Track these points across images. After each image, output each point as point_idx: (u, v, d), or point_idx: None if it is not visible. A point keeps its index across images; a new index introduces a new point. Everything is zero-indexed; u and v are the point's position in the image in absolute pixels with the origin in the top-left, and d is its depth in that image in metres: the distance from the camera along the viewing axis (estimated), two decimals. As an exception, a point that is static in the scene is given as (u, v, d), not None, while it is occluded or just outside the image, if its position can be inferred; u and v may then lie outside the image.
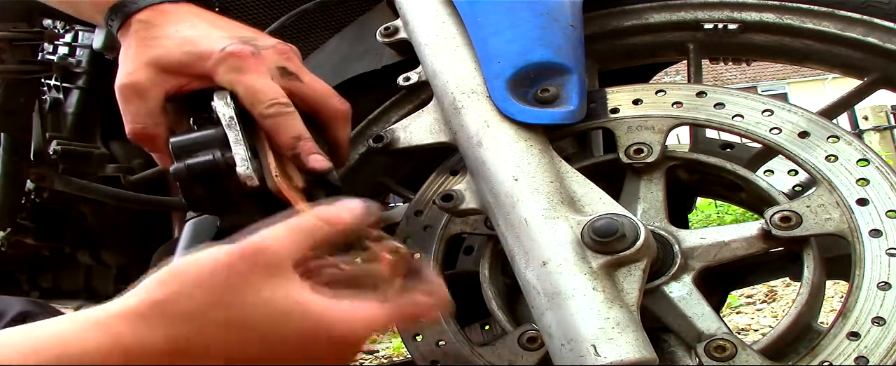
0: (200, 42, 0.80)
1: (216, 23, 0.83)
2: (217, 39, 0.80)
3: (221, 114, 0.77)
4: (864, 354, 0.68)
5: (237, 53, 0.79)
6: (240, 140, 0.75)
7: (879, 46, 0.84)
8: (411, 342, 0.86)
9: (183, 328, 0.53)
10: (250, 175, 0.73)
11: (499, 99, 0.81)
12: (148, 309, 0.55)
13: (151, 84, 0.81)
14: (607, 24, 0.97)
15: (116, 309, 0.55)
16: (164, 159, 0.85)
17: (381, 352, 3.31)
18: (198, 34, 0.81)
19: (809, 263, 0.76)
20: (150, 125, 0.82)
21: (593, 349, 0.65)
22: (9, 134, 1.29)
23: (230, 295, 0.54)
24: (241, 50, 0.79)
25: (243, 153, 0.74)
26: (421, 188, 0.96)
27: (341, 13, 1.35)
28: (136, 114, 0.81)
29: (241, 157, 0.74)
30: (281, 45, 0.83)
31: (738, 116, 0.84)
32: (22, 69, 1.22)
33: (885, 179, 0.75)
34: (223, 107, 0.77)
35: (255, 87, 0.78)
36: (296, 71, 0.82)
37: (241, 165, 0.73)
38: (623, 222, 0.71)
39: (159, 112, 0.81)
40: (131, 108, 0.81)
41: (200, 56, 0.80)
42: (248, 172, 0.73)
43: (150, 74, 0.81)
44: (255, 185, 0.73)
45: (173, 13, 0.82)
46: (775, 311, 3.08)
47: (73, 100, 1.38)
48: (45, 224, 1.48)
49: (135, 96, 0.81)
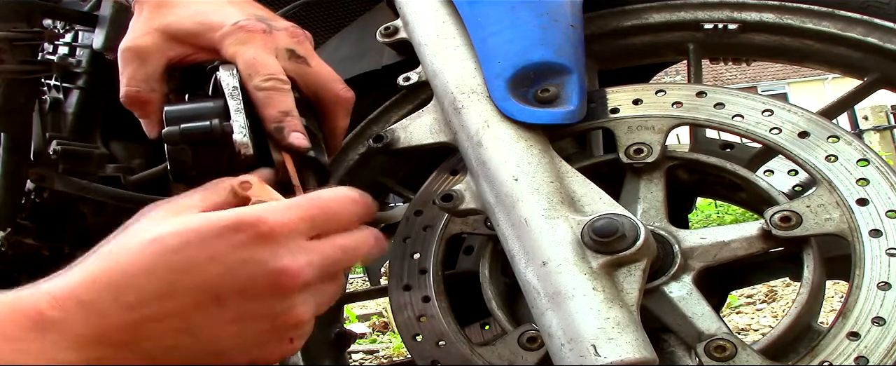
0: (213, 14, 0.80)
1: (225, 3, 0.83)
2: (231, 13, 0.81)
3: (225, 84, 0.77)
4: (864, 354, 0.68)
5: (247, 27, 0.79)
6: (240, 109, 0.75)
7: (879, 46, 0.84)
8: (411, 342, 0.86)
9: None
10: (246, 143, 0.73)
11: (499, 99, 0.81)
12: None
13: (155, 49, 0.81)
14: (607, 24, 0.97)
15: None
16: (151, 127, 0.84)
17: (382, 352, 3.31)
18: (212, 7, 0.81)
19: (809, 263, 0.76)
20: (144, 90, 0.81)
21: (593, 349, 0.65)
22: (9, 134, 1.29)
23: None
24: (253, 25, 0.80)
25: (242, 121, 0.74)
26: (421, 188, 0.96)
27: (341, 13, 1.35)
28: (131, 77, 0.81)
29: (239, 124, 0.73)
30: (294, 28, 0.83)
31: (738, 116, 0.84)
32: (22, 69, 1.22)
33: (885, 179, 0.75)
34: (228, 77, 0.77)
35: (256, 59, 0.78)
36: (305, 55, 0.82)
37: (239, 132, 0.73)
38: (623, 222, 0.71)
39: (158, 78, 0.81)
40: (129, 70, 0.81)
41: (211, 27, 0.80)
42: (244, 139, 0.73)
43: (156, 40, 0.81)
44: (249, 153, 0.72)
45: None
46: (775, 311, 3.08)
47: (73, 100, 1.38)
48: (45, 224, 1.48)
49: (135, 59, 0.81)
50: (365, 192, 0.71)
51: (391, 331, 3.70)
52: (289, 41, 0.82)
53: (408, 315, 0.88)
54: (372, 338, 3.71)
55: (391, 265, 0.93)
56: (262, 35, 0.80)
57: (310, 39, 0.85)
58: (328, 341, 0.99)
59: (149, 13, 0.82)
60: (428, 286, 0.89)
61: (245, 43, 0.79)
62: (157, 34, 0.81)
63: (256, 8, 0.85)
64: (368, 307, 4.33)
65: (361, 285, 5.24)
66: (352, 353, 3.17)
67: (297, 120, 0.77)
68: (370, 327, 3.92)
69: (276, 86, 0.78)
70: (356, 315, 4.11)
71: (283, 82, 0.78)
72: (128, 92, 0.81)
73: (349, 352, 1.97)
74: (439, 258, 0.91)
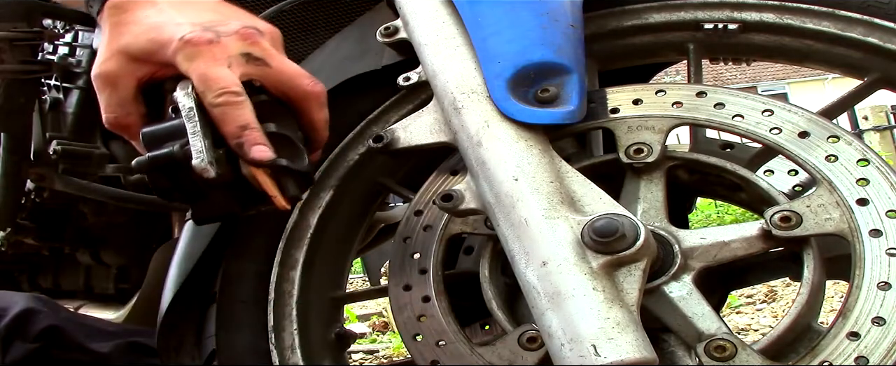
0: (163, 29, 0.79)
1: (185, 7, 0.82)
2: (178, 26, 0.79)
3: (181, 105, 0.76)
4: (864, 354, 0.68)
5: (193, 41, 0.78)
6: (197, 131, 0.74)
7: (879, 46, 0.84)
8: (411, 342, 0.86)
9: None
10: (205, 167, 0.72)
11: (499, 99, 0.81)
12: None
13: (122, 73, 0.80)
14: (607, 24, 0.97)
15: None
16: (140, 147, 0.84)
17: (381, 352, 3.32)
18: (162, 20, 0.80)
19: (809, 263, 0.76)
20: (121, 114, 0.81)
21: (593, 349, 0.65)
22: (9, 134, 1.29)
23: None
24: (198, 37, 0.78)
25: (199, 145, 0.73)
26: (421, 188, 0.96)
27: (341, 13, 1.35)
28: (107, 103, 0.81)
29: (196, 149, 0.73)
30: (246, 29, 0.81)
31: (738, 116, 0.84)
32: (22, 69, 1.22)
33: (885, 178, 0.75)
34: (183, 97, 0.77)
35: (206, 75, 0.77)
36: (262, 56, 0.81)
37: (197, 157, 0.73)
38: (623, 222, 0.71)
39: (131, 101, 0.81)
40: (104, 97, 0.81)
41: (162, 44, 0.79)
42: (202, 164, 0.72)
43: (121, 63, 0.80)
44: (210, 176, 0.72)
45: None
46: (775, 311, 3.08)
47: (73, 100, 1.38)
48: (45, 224, 1.49)
49: (106, 85, 0.81)
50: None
51: (391, 331, 3.70)
52: (241, 45, 0.80)
53: (408, 315, 0.88)
54: (372, 338, 3.71)
55: (391, 265, 0.93)
56: (208, 46, 0.78)
57: (267, 36, 0.83)
58: (328, 340, 0.99)
59: (109, 34, 0.81)
60: (428, 286, 0.89)
61: (194, 58, 0.77)
62: (119, 57, 0.80)
63: (210, 11, 0.83)
64: (368, 307, 4.34)
65: (361, 284, 5.24)
66: (352, 353, 3.17)
67: (256, 132, 0.76)
68: (370, 327, 3.92)
69: (229, 100, 0.76)
70: (356, 315, 4.11)
71: (236, 95, 0.77)
72: (107, 119, 0.82)
73: (349, 352, 1.97)
74: (439, 258, 0.91)
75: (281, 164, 0.77)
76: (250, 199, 0.79)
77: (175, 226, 1.47)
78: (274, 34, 0.84)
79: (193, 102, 0.76)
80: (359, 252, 1.42)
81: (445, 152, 0.93)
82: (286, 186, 0.78)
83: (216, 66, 0.78)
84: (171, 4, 0.82)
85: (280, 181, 0.78)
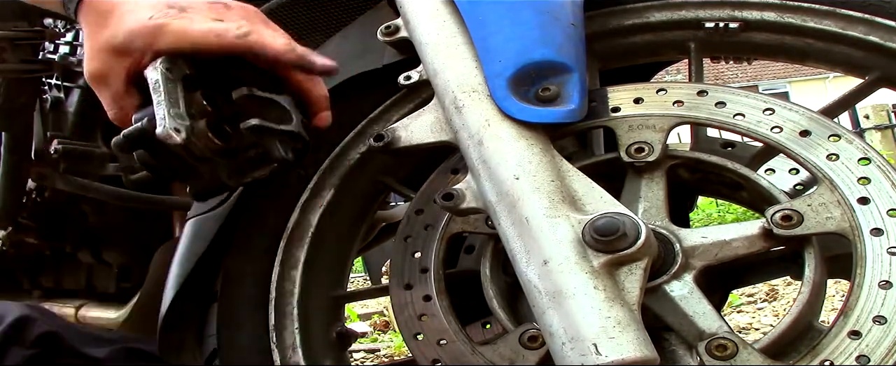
0: (132, 17, 0.79)
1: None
2: (144, 11, 0.79)
3: (149, 79, 0.76)
4: (865, 353, 0.68)
5: (161, 23, 0.78)
6: (161, 101, 0.73)
7: (881, 45, 0.84)
8: (412, 341, 0.86)
9: None
10: (167, 133, 0.71)
11: (500, 98, 0.81)
12: None
13: (108, 68, 0.81)
14: (608, 23, 0.97)
15: None
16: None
17: (382, 351, 3.32)
18: (130, 8, 0.80)
19: (810, 262, 0.76)
20: (118, 109, 0.82)
21: (594, 348, 0.65)
22: (10, 133, 1.30)
23: None
24: (165, 16, 0.78)
25: (162, 112, 0.72)
26: (422, 187, 0.96)
27: (342, 12, 1.35)
28: (104, 101, 0.82)
29: (159, 116, 0.72)
30: (210, 3, 0.82)
31: (739, 115, 0.84)
32: (23, 68, 1.22)
33: (886, 177, 0.75)
34: (151, 71, 0.76)
35: (202, 29, 0.77)
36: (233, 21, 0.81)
37: (159, 124, 0.72)
38: (624, 221, 0.71)
39: (123, 94, 0.81)
40: (101, 96, 0.82)
41: (136, 33, 0.79)
42: (163, 131, 0.71)
43: (106, 59, 0.80)
44: (175, 142, 0.71)
45: None
46: (776, 310, 3.08)
47: (74, 99, 1.38)
48: (46, 223, 1.49)
49: (99, 84, 0.82)
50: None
51: (392, 330, 3.70)
52: (210, 14, 0.80)
53: (409, 314, 0.88)
54: (373, 337, 3.71)
55: (392, 264, 0.93)
56: (180, 16, 0.78)
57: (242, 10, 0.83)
58: (329, 339, 0.99)
59: (90, 32, 0.82)
60: (429, 285, 0.89)
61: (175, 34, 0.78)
62: (103, 54, 0.80)
63: None
64: (369, 306, 4.34)
65: (362, 283, 5.24)
66: (353, 352, 3.17)
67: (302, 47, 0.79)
68: (371, 326, 3.92)
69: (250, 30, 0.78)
70: (357, 314, 4.11)
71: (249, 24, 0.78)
72: (111, 115, 0.83)
73: (350, 351, 1.97)
74: (440, 257, 0.91)
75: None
76: (242, 167, 0.79)
77: (176, 225, 1.47)
78: (246, 8, 0.84)
79: (160, 75, 0.75)
80: (360, 251, 1.42)
81: (446, 151, 0.93)
82: (273, 149, 0.78)
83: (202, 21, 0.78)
84: None
85: (267, 145, 0.78)
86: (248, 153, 0.78)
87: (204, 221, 0.97)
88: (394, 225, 1.38)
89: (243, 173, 0.80)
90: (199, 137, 0.73)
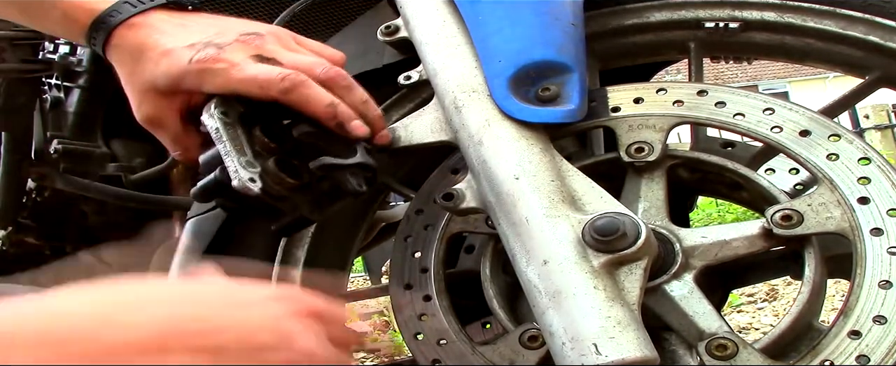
0: (174, 57, 0.76)
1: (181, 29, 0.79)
2: (183, 52, 0.76)
3: (209, 128, 0.74)
4: (865, 352, 0.68)
5: (204, 61, 0.75)
6: (229, 151, 0.72)
7: (880, 45, 0.84)
8: (412, 341, 0.86)
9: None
10: (245, 186, 0.70)
11: (500, 98, 0.81)
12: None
13: (159, 112, 0.79)
14: (608, 23, 0.97)
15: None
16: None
17: (382, 351, 3.31)
18: (170, 45, 0.77)
19: (810, 262, 0.76)
20: (182, 151, 0.80)
21: (594, 348, 0.65)
22: (10, 133, 1.30)
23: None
24: (203, 56, 0.75)
25: (234, 165, 0.71)
26: (422, 187, 0.96)
27: (341, 12, 1.35)
28: (166, 142, 0.80)
29: (231, 169, 0.71)
30: (244, 36, 0.79)
31: (739, 115, 0.84)
32: (23, 68, 1.22)
33: (886, 177, 0.75)
34: (208, 119, 0.75)
35: (245, 77, 0.75)
36: (272, 55, 0.78)
37: (234, 177, 0.71)
38: (624, 221, 0.71)
39: (183, 135, 0.80)
40: (160, 137, 0.80)
41: (178, 76, 0.76)
42: (241, 184, 0.70)
43: (154, 102, 0.78)
44: (254, 193, 0.70)
45: (142, 26, 0.79)
46: (776, 309, 3.07)
47: (74, 99, 1.38)
48: (46, 223, 1.49)
49: (155, 127, 0.80)
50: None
51: (392, 330, 3.70)
52: (246, 49, 0.77)
53: (409, 314, 0.88)
54: (373, 337, 3.71)
55: (392, 264, 0.93)
56: (215, 61, 0.75)
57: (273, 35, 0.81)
58: (329, 339, 0.99)
59: (126, 76, 0.79)
60: (429, 285, 0.89)
61: (209, 77, 0.75)
62: (148, 97, 0.78)
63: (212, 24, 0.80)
64: (369, 306, 4.33)
65: (363, 283, 5.24)
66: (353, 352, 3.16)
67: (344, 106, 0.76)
68: (371, 326, 3.92)
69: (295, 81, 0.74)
70: (357, 314, 4.11)
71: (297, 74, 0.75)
72: (174, 156, 0.81)
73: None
74: (440, 257, 0.91)
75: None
76: (320, 200, 0.78)
77: (176, 225, 1.47)
78: (277, 33, 0.82)
79: (218, 122, 0.74)
80: (360, 251, 1.42)
81: (446, 151, 0.93)
82: (346, 183, 0.77)
83: (249, 65, 0.76)
84: (172, 24, 0.79)
85: (338, 180, 0.77)
86: (321, 185, 0.77)
87: (204, 221, 0.97)
88: (394, 225, 1.37)
89: (322, 207, 0.78)
90: (272, 177, 0.72)
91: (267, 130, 0.76)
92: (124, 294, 0.54)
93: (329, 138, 0.78)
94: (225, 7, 1.27)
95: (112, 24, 0.78)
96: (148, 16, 0.79)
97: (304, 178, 0.75)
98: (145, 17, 0.79)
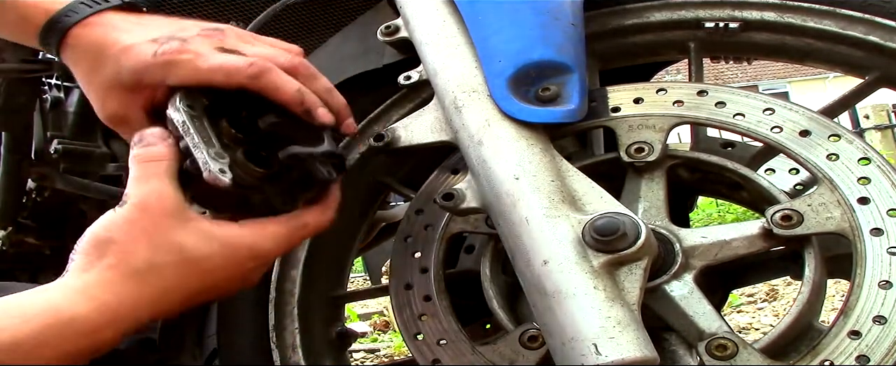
0: (134, 54, 0.76)
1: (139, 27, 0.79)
2: (146, 46, 0.76)
3: (175, 121, 0.73)
4: (865, 352, 0.68)
5: (169, 53, 0.75)
6: (197, 143, 0.71)
7: (880, 45, 0.84)
8: (412, 341, 0.86)
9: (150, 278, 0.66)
10: (216, 177, 0.70)
11: (500, 98, 0.81)
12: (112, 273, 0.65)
13: (123, 109, 0.78)
14: (608, 23, 0.97)
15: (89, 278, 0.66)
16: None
17: (382, 351, 3.32)
18: (129, 41, 0.77)
19: (810, 262, 0.76)
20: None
21: (594, 348, 0.65)
22: (10, 133, 1.30)
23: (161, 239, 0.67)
24: (167, 49, 0.75)
25: (203, 156, 0.70)
26: (422, 187, 0.96)
27: (341, 12, 1.35)
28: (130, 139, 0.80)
29: (201, 161, 0.70)
30: (205, 30, 0.79)
31: (739, 115, 0.84)
32: (23, 68, 1.22)
33: (886, 177, 0.75)
34: (173, 113, 0.74)
35: (211, 66, 0.75)
36: (234, 48, 0.78)
37: (204, 168, 0.70)
38: (624, 221, 0.71)
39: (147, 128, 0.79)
40: (126, 135, 0.80)
41: (142, 70, 0.76)
42: (211, 175, 0.70)
43: (117, 99, 0.78)
44: (225, 184, 0.70)
45: (99, 25, 0.78)
46: (776, 310, 3.08)
47: (74, 99, 1.38)
48: (46, 223, 1.48)
49: (120, 124, 0.80)
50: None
51: (392, 330, 3.70)
52: (209, 42, 0.77)
53: (409, 314, 0.88)
54: (373, 337, 3.71)
55: (392, 264, 0.93)
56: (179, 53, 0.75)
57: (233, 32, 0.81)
58: (329, 339, 0.99)
59: (85, 73, 0.78)
60: (429, 285, 0.89)
61: (173, 68, 0.75)
62: (114, 93, 0.78)
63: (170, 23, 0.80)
64: (369, 306, 4.34)
65: (362, 283, 5.24)
66: (353, 352, 3.17)
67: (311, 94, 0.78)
68: (371, 326, 3.92)
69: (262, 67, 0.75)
70: (357, 314, 4.12)
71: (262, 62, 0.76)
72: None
73: (350, 351, 1.97)
74: (440, 257, 0.91)
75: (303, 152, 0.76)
76: (292, 190, 0.78)
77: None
78: (235, 29, 0.82)
79: (184, 115, 0.73)
80: (360, 251, 1.42)
81: (446, 151, 0.93)
82: (316, 171, 0.77)
83: (213, 54, 0.76)
84: (130, 23, 0.79)
85: (308, 168, 0.77)
86: (291, 175, 0.77)
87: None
88: (394, 225, 1.38)
89: (294, 197, 0.78)
90: (242, 167, 0.72)
91: (233, 121, 0.76)
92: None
93: (296, 128, 0.78)
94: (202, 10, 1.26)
95: (68, 24, 0.78)
96: (104, 16, 0.79)
97: (274, 167, 0.75)
98: (101, 17, 0.79)
